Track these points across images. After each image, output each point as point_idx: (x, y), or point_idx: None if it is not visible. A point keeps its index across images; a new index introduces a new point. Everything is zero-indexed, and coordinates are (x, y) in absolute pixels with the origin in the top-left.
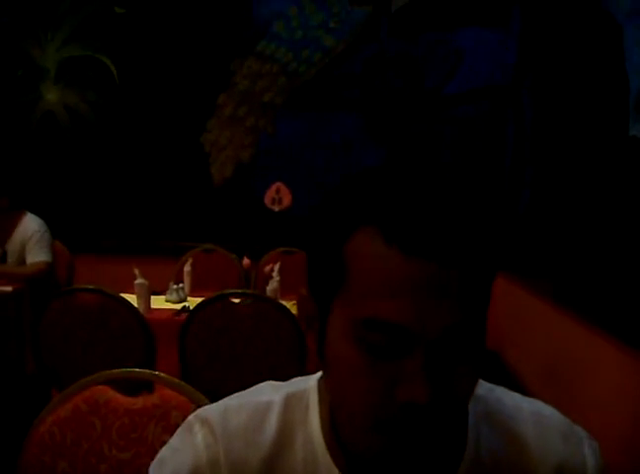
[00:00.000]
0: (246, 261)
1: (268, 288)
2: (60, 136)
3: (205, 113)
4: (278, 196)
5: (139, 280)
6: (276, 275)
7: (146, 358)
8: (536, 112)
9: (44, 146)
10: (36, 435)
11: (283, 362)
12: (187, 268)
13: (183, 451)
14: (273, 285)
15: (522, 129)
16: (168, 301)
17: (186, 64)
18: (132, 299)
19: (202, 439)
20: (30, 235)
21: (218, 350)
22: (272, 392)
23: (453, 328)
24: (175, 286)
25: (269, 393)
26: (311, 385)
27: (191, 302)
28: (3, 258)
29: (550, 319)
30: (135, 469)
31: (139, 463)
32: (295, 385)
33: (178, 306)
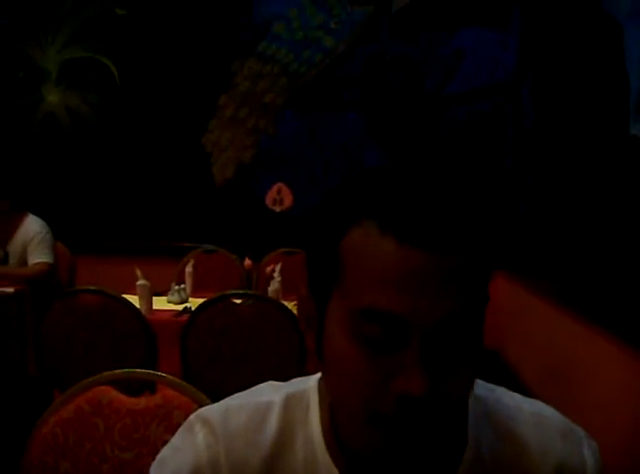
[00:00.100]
0: (247, 261)
1: (269, 289)
2: (62, 138)
3: (207, 114)
4: (279, 196)
5: (141, 281)
6: (277, 275)
7: (148, 359)
8: (537, 111)
9: (46, 148)
10: (38, 436)
11: (285, 363)
12: (188, 268)
13: (183, 451)
14: (274, 286)
15: (523, 129)
16: (170, 302)
17: (187, 65)
18: (134, 300)
19: (203, 439)
20: (31, 236)
21: (220, 350)
22: (272, 392)
23: (450, 318)
24: (176, 287)
25: (269, 393)
26: (311, 386)
27: (192, 303)
28: (5, 259)
29: (551, 318)
30: (138, 469)
31: (142, 463)
32: (295, 386)
33: (179, 307)
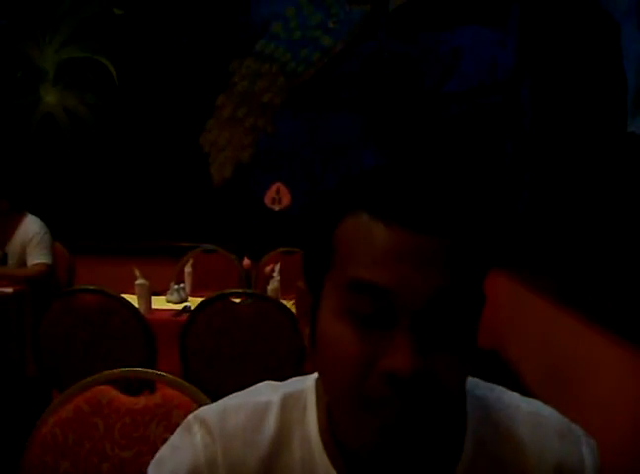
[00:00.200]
0: (246, 261)
1: (268, 288)
2: (60, 138)
3: (205, 113)
4: (277, 195)
5: (140, 281)
6: (276, 274)
7: (147, 359)
8: (535, 110)
9: (44, 148)
10: (38, 436)
11: (284, 362)
12: (187, 268)
13: (181, 451)
14: (273, 285)
15: (521, 127)
16: (169, 302)
17: (185, 65)
18: (133, 300)
19: (201, 439)
20: (30, 237)
21: (219, 350)
22: (270, 392)
23: (438, 298)
24: (175, 287)
25: (267, 393)
26: (309, 385)
27: (191, 302)
28: (3, 259)
29: (551, 317)
30: (138, 468)
31: (141, 462)
32: (293, 385)
33: (178, 307)
